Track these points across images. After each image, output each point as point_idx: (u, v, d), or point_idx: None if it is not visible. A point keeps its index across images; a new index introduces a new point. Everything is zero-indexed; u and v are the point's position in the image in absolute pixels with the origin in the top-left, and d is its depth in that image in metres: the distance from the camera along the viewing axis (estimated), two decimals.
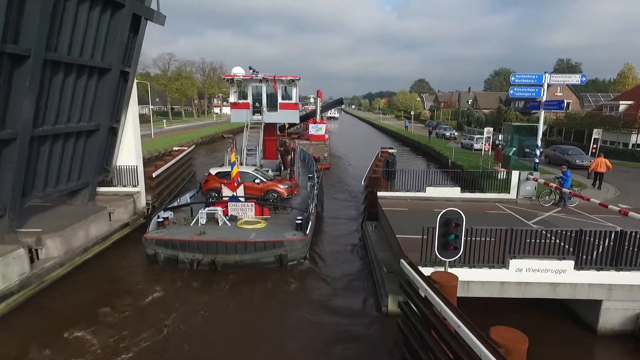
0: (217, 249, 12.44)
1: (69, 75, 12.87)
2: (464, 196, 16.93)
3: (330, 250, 14.98)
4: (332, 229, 17.50)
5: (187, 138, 49.77)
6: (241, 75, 21.57)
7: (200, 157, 41.79)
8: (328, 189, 23.89)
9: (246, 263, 12.52)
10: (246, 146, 20.89)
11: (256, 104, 22.05)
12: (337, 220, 18.87)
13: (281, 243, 12.69)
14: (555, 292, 9.23)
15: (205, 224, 14.24)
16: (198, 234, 13.18)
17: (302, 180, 20.85)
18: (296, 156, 20.95)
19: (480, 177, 18.84)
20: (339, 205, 21.49)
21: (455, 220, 8.30)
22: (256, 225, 14.13)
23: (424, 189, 17.00)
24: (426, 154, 42.72)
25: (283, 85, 21.85)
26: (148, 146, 39.93)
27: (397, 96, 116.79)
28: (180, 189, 24.80)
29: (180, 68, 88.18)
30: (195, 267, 12.55)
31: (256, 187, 17.20)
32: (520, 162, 24.40)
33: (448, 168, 30.75)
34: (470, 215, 14.63)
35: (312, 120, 40.26)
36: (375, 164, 21.63)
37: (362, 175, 33.12)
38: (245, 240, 12.62)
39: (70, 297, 11.21)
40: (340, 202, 22.47)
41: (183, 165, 27.16)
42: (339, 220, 18.76)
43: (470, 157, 33.48)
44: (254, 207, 14.98)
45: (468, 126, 63.97)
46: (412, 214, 14.64)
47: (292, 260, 12.95)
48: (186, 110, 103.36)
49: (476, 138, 38.76)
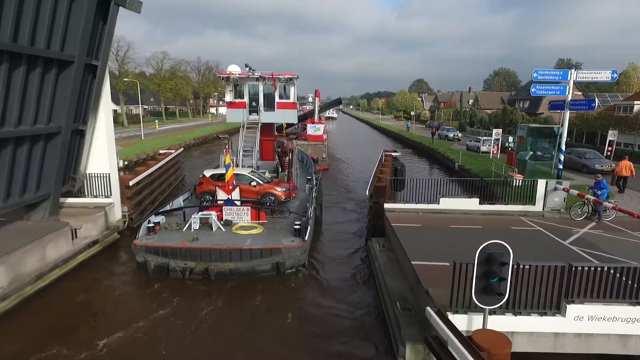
0: (211, 257, 11.90)
1: (17, 67, 10.69)
2: (483, 208, 14.83)
3: (331, 263, 13.79)
4: (332, 236, 16.44)
5: (179, 139, 47.60)
6: (237, 73, 20.58)
7: (193, 160, 39.68)
8: (327, 192, 22.97)
9: (241, 271, 11.95)
10: (242, 147, 20.07)
11: (253, 103, 21.19)
12: (339, 226, 17.67)
13: (278, 250, 12.13)
14: (626, 347, 7.12)
15: (198, 230, 13.58)
16: (190, 240, 12.53)
17: (300, 182, 20.10)
18: (294, 157, 20.12)
19: (497, 186, 16.67)
20: (339, 210, 20.41)
21: (501, 257, 6.17)
22: (252, 231, 13.48)
23: (437, 200, 14.90)
24: (430, 157, 40.62)
25: (281, 84, 21.00)
26: (136, 148, 37.73)
27: (397, 96, 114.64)
28: (166, 196, 22.68)
29: (174, 67, 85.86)
30: (187, 275, 11.91)
31: (252, 190, 16.47)
32: (537, 168, 22.34)
33: (462, 176, 28.76)
34: (493, 233, 12.56)
35: (310, 121, 39.45)
36: (379, 169, 19.52)
37: (362, 177, 32.28)
38: (240, 247, 12.05)
39: (14, 339, 9.04)
40: (340, 205, 21.37)
41: (169, 169, 25.03)
42: (340, 228, 17.50)
43: (478, 160, 31.39)
44: (249, 212, 14.34)
45: (471, 127, 62.01)
46: (427, 232, 12.55)
47: (290, 268, 12.37)
48: (181, 111, 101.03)
49: (483, 140, 36.67)
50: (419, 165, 36.67)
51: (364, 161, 38.86)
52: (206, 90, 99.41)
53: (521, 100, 57.53)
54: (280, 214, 15.33)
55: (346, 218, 18.98)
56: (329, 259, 14.06)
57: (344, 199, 22.97)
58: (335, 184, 27.18)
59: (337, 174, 31.62)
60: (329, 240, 15.95)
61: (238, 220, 14.32)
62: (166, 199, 21.19)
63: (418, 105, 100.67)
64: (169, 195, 23.01)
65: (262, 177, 17.63)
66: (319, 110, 42.30)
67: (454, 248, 10.85)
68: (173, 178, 26.10)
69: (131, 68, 65.49)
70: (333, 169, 33.46)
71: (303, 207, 16.10)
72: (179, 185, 26.90)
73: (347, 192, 24.58)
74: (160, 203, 20.57)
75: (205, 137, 54.98)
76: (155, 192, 21.34)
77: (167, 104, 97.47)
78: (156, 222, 13.57)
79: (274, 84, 20.54)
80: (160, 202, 20.95)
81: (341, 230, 17.29)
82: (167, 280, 11.88)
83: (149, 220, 13.55)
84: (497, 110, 77.40)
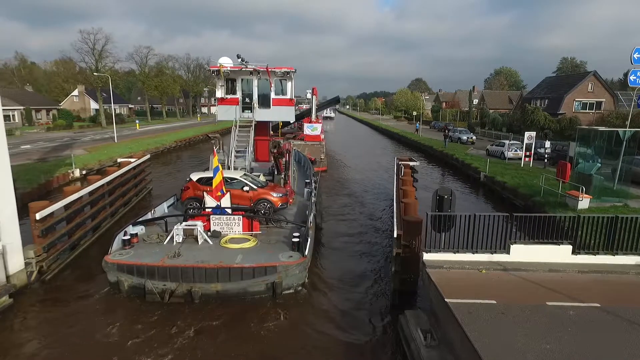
0: (194, 276, 10.40)
1: None
2: (578, 261, 9.46)
3: (335, 280, 12.10)
4: (334, 245, 15.04)
5: (158, 142, 42.15)
6: (229, 66, 18.51)
7: (173, 165, 34.17)
8: (327, 195, 21.52)
9: (230, 293, 10.53)
10: (235, 147, 18.28)
11: (246, 100, 19.45)
12: (341, 234, 16.29)
13: (274, 268, 10.65)
14: None
15: (181, 242, 12.06)
16: (171, 255, 11.04)
17: (298, 186, 19.08)
18: (291, 159, 18.54)
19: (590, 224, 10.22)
20: (341, 215, 19.18)
21: None
22: (244, 244, 12.01)
23: (506, 247, 9.49)
24: (444, 164, 35.23)
25: (277, 79, 19.14)
26: (101, 154, 32.06)
27: (397, 95, 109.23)
28: (117, 220, 17.42)
29: (160, 63, 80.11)
30: (167, 299, 10.34)
31: (245, 195, 14.85)
32: (605, 184, 17.06)
33: (492, 190, 23.45)
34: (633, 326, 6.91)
35: (306, 120, 37.93)
36: (403, 190, 14.13)
37: (364, 180, 27.95)
38: (230, 265, 10.58)
39: None
40: (343, 209, 20.08)
41: (127, 184, 19.59)
42: (343, 236, 16.10)
43: (509, 170, 26.10)
44: (241, 221, 12.88)
45: (481, 128, 56.87)
46: (511, 319, 7.13)
47: (288, 288, 10.92)
48: (170, 110, 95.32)
49: (508, 144, 31.40)
50: (432, 174, 31.24)
51: (368, 164, 33.80)
52: (196, 89, 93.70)
53: (538, 99, 52.28)
54: (276, 224, 13.80)
55: (348, 224, 17.63)
56: (332, 274, 12.49)
57: (345, 202, 21.32)
58: (335, 186, 25.52)
59: (337, 175, 29.67)
60: (331, 251, 14.44)
61: (228, 231, 12.83)
62: (119, 223, 16.78)
63: (421, 105, 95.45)
64: (122, 219, 17.68)
65: (256, 180, 15.86)
66: (317, 109, 40.19)
67: None
68: (133, 193, 20.64)
69: (109, 63, 59.73)
70: (332, 170, 31.30)
71: (301, 215, 14.86)
72: (145, 200, 21.64)
73: (349, 196, 22.70)
74: (106, 233, 15.64)
75: (189, 140, 49.44)
76: (98, 219, 15.87)
77: (154, 102, 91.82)
78: (133, 234, 11.97)
79: (270, 79, 18.58)
80: (104, 232, 15.68)
81: (344, 238, 15.68)
82: (143, 304, 10.20)
83: (125, 232, 11.94)
84: (507, 110, 72.75)
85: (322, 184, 21.78)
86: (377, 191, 24.49)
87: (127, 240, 11.64)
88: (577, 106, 47.25)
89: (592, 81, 47.07)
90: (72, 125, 58.89)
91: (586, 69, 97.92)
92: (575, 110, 46.98)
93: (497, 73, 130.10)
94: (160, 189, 24.18)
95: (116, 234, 11.85)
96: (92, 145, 38.12)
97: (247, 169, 17.65)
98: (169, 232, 12.31)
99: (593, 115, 46.57)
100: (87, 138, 45.55)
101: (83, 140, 43.67)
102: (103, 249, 11.94)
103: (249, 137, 18.58)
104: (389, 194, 21.97)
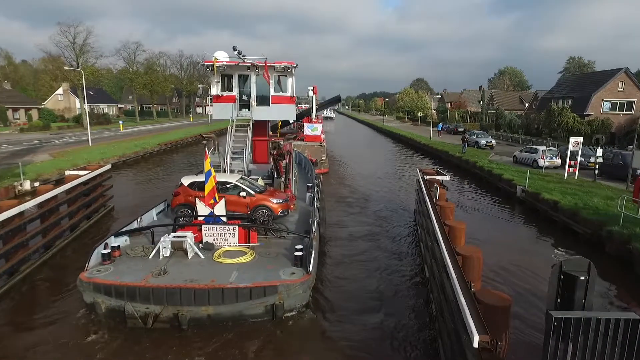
0: (182, 298, 8.86)
1: None
2: None
3: (343, 299, 10.62)
4: (340, 258, 13.48)
5: (138, 146, 37.36)
6: (225, 61, 17.35)
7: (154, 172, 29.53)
8: (330, 200, 20.71)
9: (224, 317, 9.05)
10: (231, 148, 17.19)
11: (243, 97, 18.30)
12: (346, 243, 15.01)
13: (274, 288, 9.12)
14: None
15: (169, 257, 10.67)
16: (156, 273, 9.57)
17: (298, 189, 18.08)
18: (292, 161, 17.52)
19: None
20: (344, 221, 17.85)
21: None
22: (240, 258, 10.59)
23: None
24: (463, 173, 30.55)
25: (276, 75, 18.05)
26: (66, 160, 27.25)
27: (400, 95, 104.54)
28: (59, 249, 13.76)
29: (151, 60, 75.33)
30: (150, 324, 8.88)
31: (241, 202, 13.56)
32: None
33: (534, 210, 18.89)
34: None
35: (306, 120, 36.50)
36: (450, 231, 9.49)
37: (369, 182, 26.06)
38: (223, 285, 9.08)
39: None
40: (346, 214, 18.99)
41: (73, 204, 15.08)
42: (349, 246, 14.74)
43: (551, 182, 21.53)
44: (237, 232, 11.43)
45: (496, 130, 52.34)
46: None
47: (290, 310, 9.44)
48: (162, 110, 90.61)
49: (542, 151, 26.82)
50: (452, 188, 26.48)
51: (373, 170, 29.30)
52: (189, 88, 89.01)
53: (560, 99, 47.63)
54: (276, 234, 12.54)
55: (355, 232, 16.25)
56: (340, 293, 11.02)
57: (349, 206, 20.36)
58: (337, 189, 24.47)
59: (338, 177, 28.48)
60: (336, 264, 13.03)
61: (222, 243, 11.45)
62: (54, 261, 12.95)
63: (427, 105, 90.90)
64: (62, 254, 13.30)
65: (254, 185, 14.74)
66: (317, 108, 38.07)
67: None
68: (83, 215, 16.05)
69: (91, 59, 55.00)
70: (333, 172, 30.15)
71: (304, 223, 13.84)
72: (103, 223, 17.17)
73: (351, 205, 20.84)
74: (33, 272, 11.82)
75: (175, 142, 44.68)
76: (30, 251, 11.38)
77: (145, 102, 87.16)
78: (115, 247, 10.71)
79: (266, 76, 17.13)
80: (31, 271, 11.34)
81: (351, 249, 14.37)
82: (123, 331, 8.81)
83: (106, 244, 10.61)
84: (521, 111, 68.39)
85: (323, 187, 20.37)
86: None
87: (107, 254, 10.33)
88: (606, 107, 42.63)
89: (622, 79, 42.40)
90: (50, 126, 54.19)
91: (594, 69, 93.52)
92: (604, 111, 42.39)
93: (502, 73, 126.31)
94: (122, 203, 19.72)
95: (95, 247, 10.59)
96: (61, 150, 33.39)
97: (244, 172, 16.63)
98: (155, 244, 10.96)
99: (623, 117, 42.06)
100: (61, 141, 40.84)
101: (55, 143, 38.95)
102: None
103: (247, 138, 17.42)
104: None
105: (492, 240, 15.61)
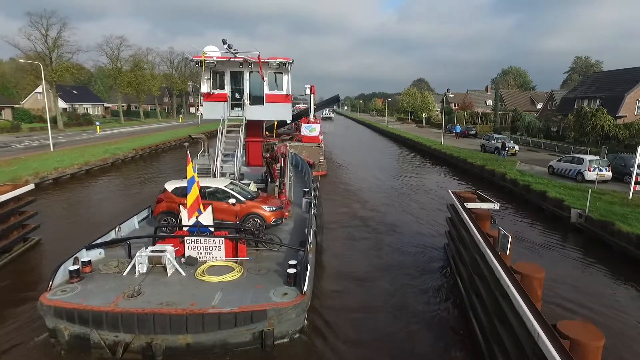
0: (156, 326, 7.81)
1: None
2: None
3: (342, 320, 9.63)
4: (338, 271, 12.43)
5: (109, 152, 32.30)
6: (215, 56, 16.08)
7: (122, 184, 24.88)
8: (327, 204, 19.23)
9: (205, 346, 8.05)
10: (222, 150, 15.98)
11: (236, 95, 17.03)
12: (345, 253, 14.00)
13: (263, 313, 8.07)
14: None
15: (146, 273, 9.54)
16: (129, 295, 8.47)
17: (294, 194, 17.01)
18: (287, 164, 15.79)
19: None
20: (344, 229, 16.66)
21: None
22: (225, 276, 9.52)
23: None
24: (488, 185, 25.78)
25: (271, 72, 16.83)
26: (5, 172, 22.17)
27: (403, 95, 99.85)
28: None
29: (137, 57, 70.24)
30: (120, 354, 7.93)
31: (231, 209, 12.50)
32: None
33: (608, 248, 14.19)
34: None
35: (304, 120, 35.87)
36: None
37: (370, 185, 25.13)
38: (203, 310, 7.97)
39: None
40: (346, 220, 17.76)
41: None
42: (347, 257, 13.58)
43: (615, 204, 16.82)
44: (223, 244, 10.35)
45: (512, 133, 47.59)
46: None
47: (282, 337, 8.47)
48: (152, 110, 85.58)
49: (589, 161, 22.05)
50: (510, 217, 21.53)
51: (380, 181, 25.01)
52: (180, 87, 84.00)
53: (585, 99, 42.88)
54: (267, 245, 11.35)
55: (355, 243, 15.16)
56: (340, 314, 9.94)
57: (349, 211, 19.28)
58: (336, 193, 23.29)
59: (337, 181, 27.34)
60: (335, 278, 11.92)
61: (207, 257, 10.38)
62: None
63: (432, 105, 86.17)
64: None
65: (245, 190, 13.66)
66: (315, 108, 37.72)
67: None
68: None
69: (66, 53, 49.98)
70: (332, 175, 29.05)
71: (299, 232, 12.67)
72: (17, 263, 12.58)
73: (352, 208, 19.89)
74: None
75: (156, 147, 39.77)
76: None
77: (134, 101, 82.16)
78: (85, 262, 9.55)
79: (261, 72, 16.15)
80: None
81: (350, 261, 13.21)
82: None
83: (76, 259, 9.48)
84: (532, 112, 63.91)
85: (321, 191, 19.34)
86: None
87: (74, 271, 9.08)
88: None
89: None
90: (20, 128, 49.14)
91: (602, 69, 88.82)
92: (638, 112, 37.73)
93: (505, 73, 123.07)
94: (83, 228, 15.60)
95: (61, 262, 9.29)
96: (15, 156, 28.41)
97: (235, 176, 15.72)
98: (132, 258, 9.75)
99: None
100: (22, 145, 35.96)
101: (14, 147, 34.11)
102: None
103: (239, 138, 16.62)
104: None
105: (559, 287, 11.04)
